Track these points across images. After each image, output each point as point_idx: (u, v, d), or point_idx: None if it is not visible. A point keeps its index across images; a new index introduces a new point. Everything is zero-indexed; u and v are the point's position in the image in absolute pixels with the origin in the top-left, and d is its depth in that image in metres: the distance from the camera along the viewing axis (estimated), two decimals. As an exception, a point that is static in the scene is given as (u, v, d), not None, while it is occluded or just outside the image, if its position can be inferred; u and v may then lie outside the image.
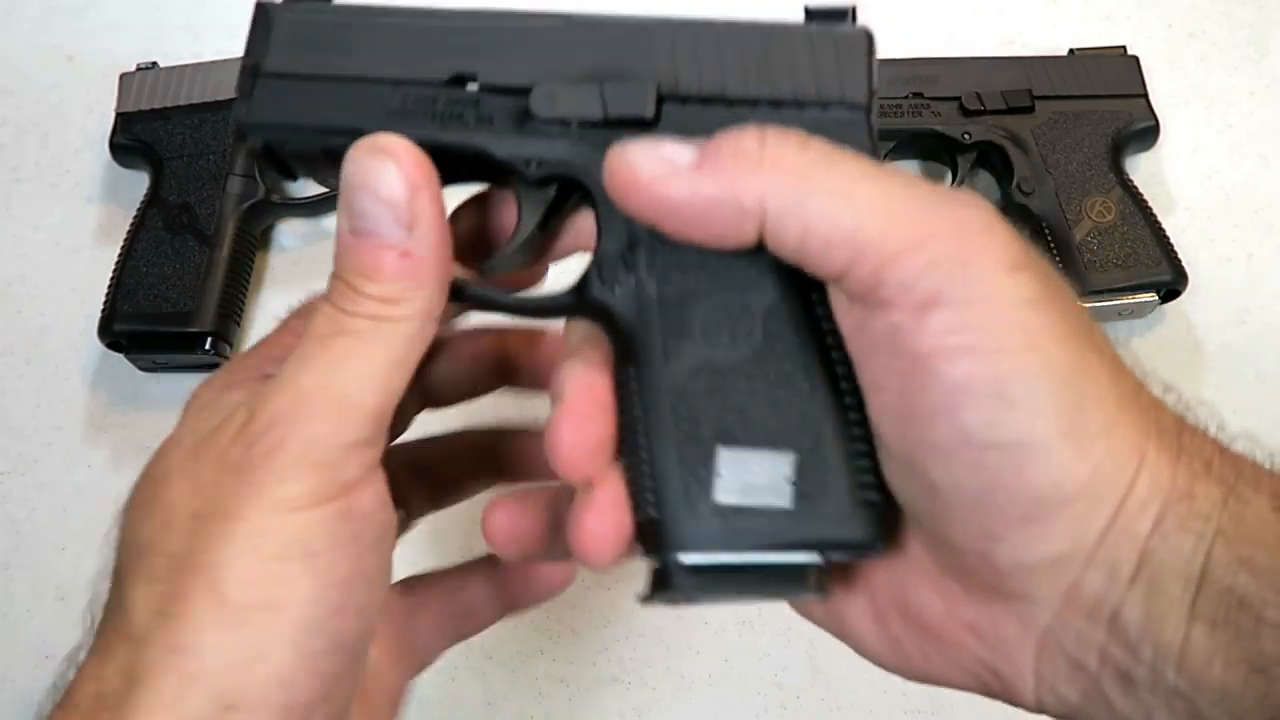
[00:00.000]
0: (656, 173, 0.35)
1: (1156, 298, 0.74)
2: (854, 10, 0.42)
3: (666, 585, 0.37)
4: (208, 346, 0.73)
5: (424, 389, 0.46)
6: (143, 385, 0.77)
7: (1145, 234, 0.74)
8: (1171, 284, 0.74)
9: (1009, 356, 0.31)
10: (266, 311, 0.79)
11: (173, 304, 0.73)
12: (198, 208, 0.76)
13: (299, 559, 0.33)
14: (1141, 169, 0.81)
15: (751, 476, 0.36)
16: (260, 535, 0.32)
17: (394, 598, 0.46)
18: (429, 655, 0.47)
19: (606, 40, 0.40)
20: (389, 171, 0.36)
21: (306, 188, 0.82)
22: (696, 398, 0.37)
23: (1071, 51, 0.81)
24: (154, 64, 0.81)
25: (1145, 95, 0.79)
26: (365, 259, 0.36)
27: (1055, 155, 0.76)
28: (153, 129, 0.79)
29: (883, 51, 0.42)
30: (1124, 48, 0.81)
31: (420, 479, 0.47)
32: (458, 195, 0.45)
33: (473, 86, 0.40)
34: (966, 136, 0.77)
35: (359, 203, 0.36)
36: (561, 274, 0.44)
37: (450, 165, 0.40)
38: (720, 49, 0.40)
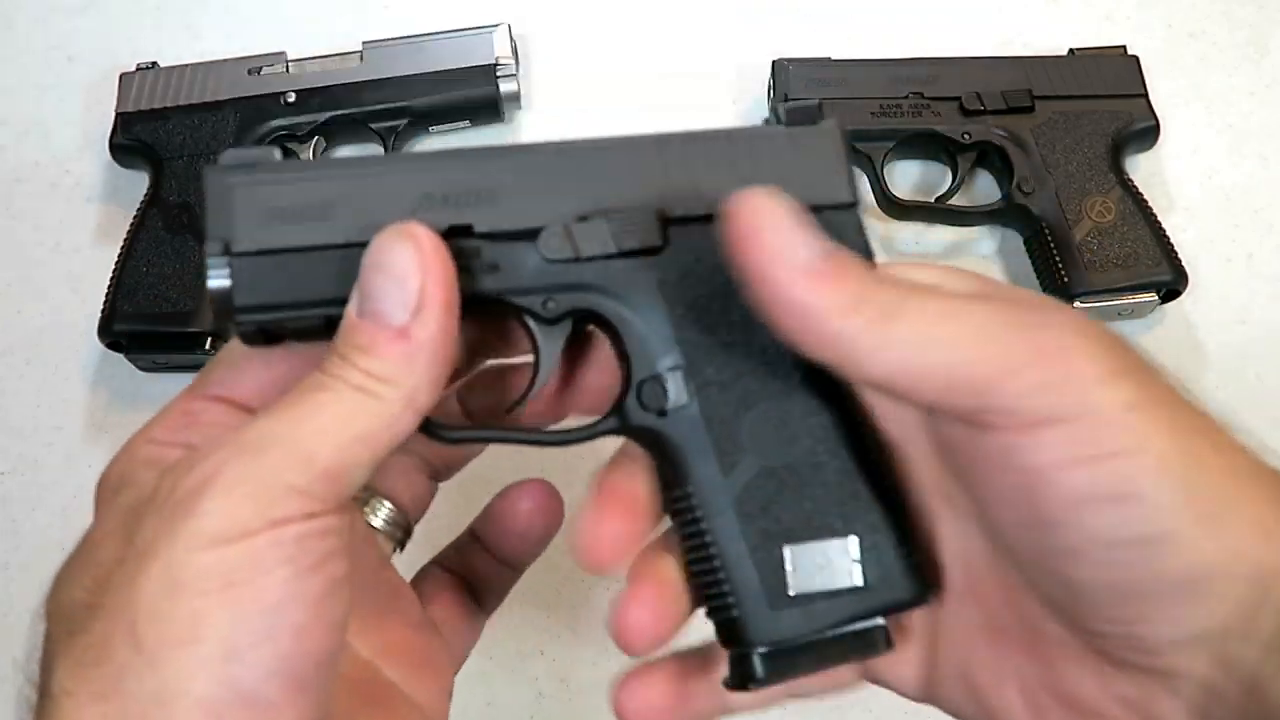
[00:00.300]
0: (780, 259, 0.35)
1: (1156, 298, 0.74)
2: (820, 106, 0.42)
3: (750, 675, 0.39)
4: (208, 346, 0.73)
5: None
6: (143, 385, 0.77)
7: (1145, 234, 0.74)
8: (1171, 284, 0.74)
9: (1123, 460, 0.33)
10: (266, 311, 0.79)
11: (173, 304, 0.73)
12: (198, 208, 0.76)
13: (217, 591, 0.32)
14: (1141, 169, 0.81)
15: (820, 564, 0.39)
16: (176, 570, 0.32)
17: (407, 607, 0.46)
18: (459, 646, 0.49)
19: (601, 169, 0.40)
20: (406, 252, 0.35)
21: (306, 188, 0.82)
22: (758, 504, 0.39)
23: (1071, 51, 0.81)
24: (154, 64, 0.81)
25: (1145, 95, 0.79)
26: (364, 335, 0.35)
27: (1055, 155, 0.76)
28: (153, 129, 0.79)
29: (883, 51, 0.43)
30: (1124, 48, 0.81)
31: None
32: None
33: (467, 233, 0.39)
34: (966, 136, 0.77)
35: (371, 282, 0.36)
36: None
37: (461, 310, 0.38)
38: (710, 164, 0.40)
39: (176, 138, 0.78)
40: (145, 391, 0.76)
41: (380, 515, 0.47)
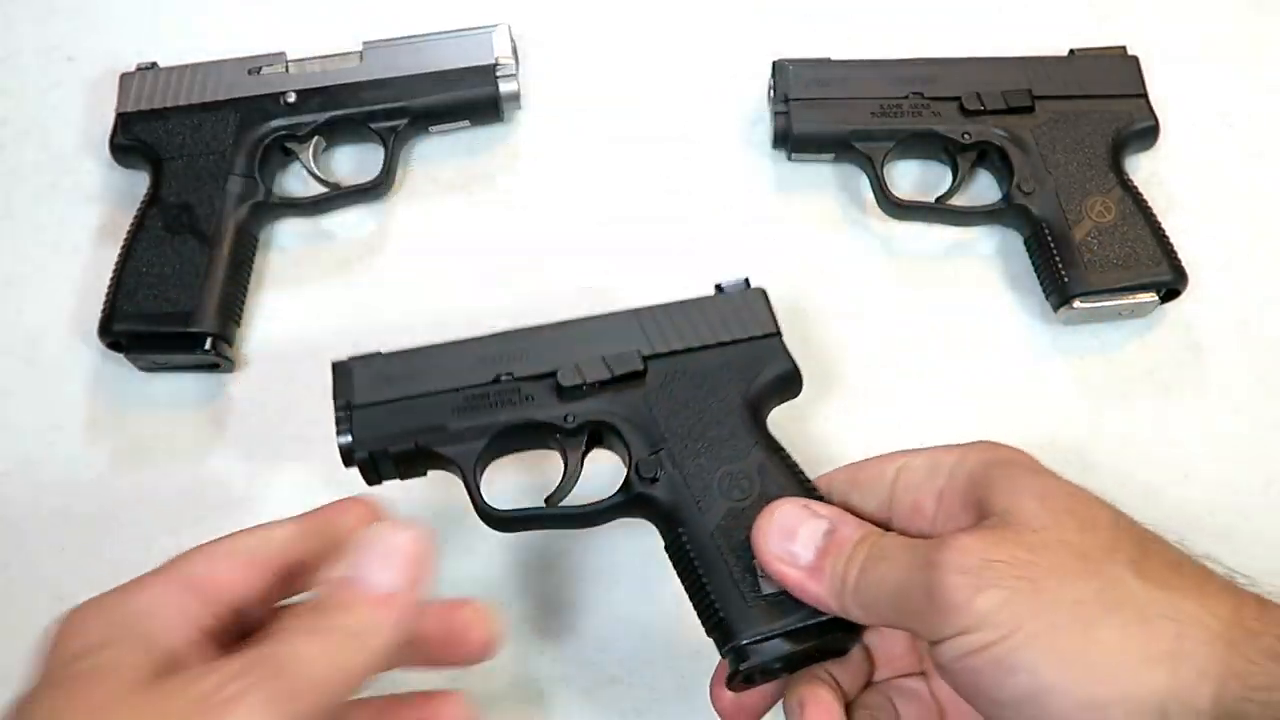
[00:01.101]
0: (782, 557, 0.53)
1: (1156, 298, 0.74)
2: (748, 280, 0.65)
3: (743, 657, 0.54)
4: (208, 346, 0.73)
5: None
6: (143, 385, 0.77)
7: (1145, 234, 0.74)
8: (1171, 284, 0.74)
9: (999, 646, 0.44)
10: (266, 311, 0.79)
11: (173, 304, 0.73)
12: (198, 208, 0.76)
13: None
14: (1142, 169, 0.81)
15: None
16: None
17: None
18: None
19: (598, 331, 0.62)
20: (402, 535, 0.46)
21: (307, 188, 0.82)
22: (730, 532, 0.56)
23: (1072, 52, 0.81)
24: (154, 64, 0.81)
25: (1145, 95, 0.79)
26: (353, 595, 0.44)
27: (1055, 155, 0.76)
28: (153, 129, 0.79)
29: (883, 52, 0.44)
30: (1124, 48, 0.81)
31: None
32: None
33: (509, 377, 0.61)
34: (966, 136, 0.77)
35: (368, 558, 0.45)
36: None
37: (506, 440, 0.61)
38: (674, 321, 0.62)
39: (176, 138, 0.78)
40: (145, 391, 0.76)
41: None
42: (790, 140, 0.79)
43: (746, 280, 0.65)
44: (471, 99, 0.80)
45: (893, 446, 0.56)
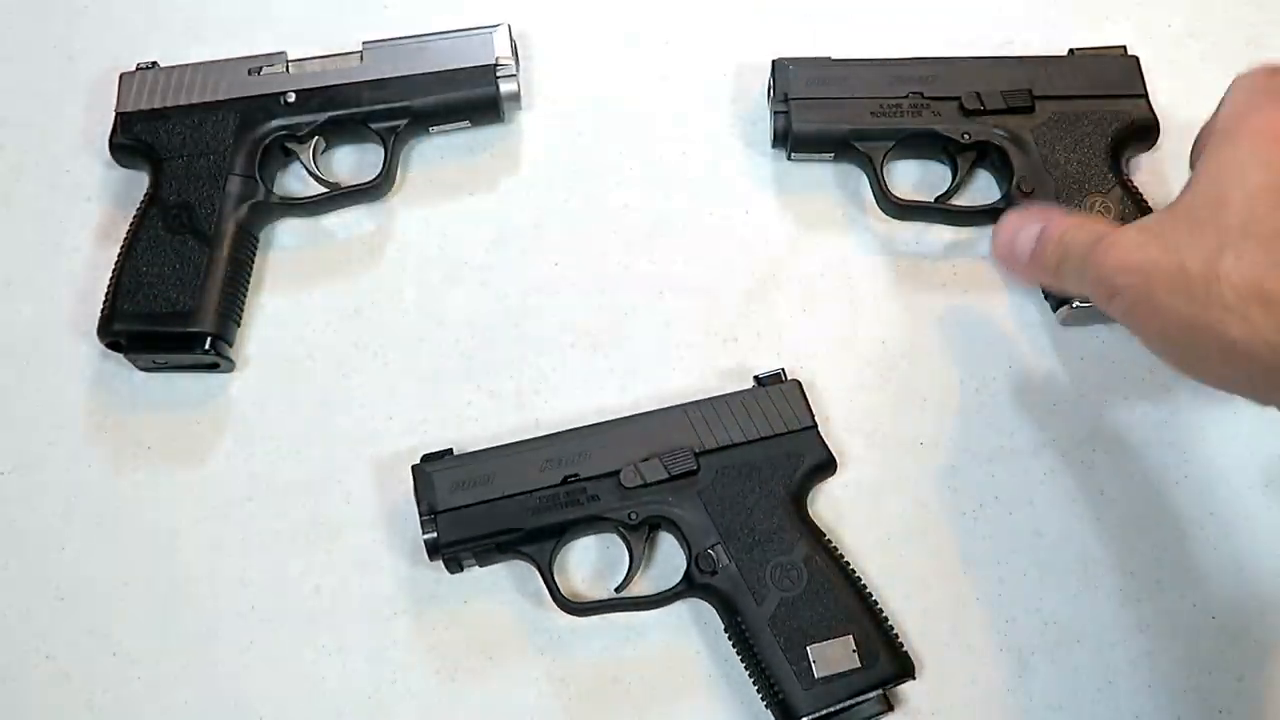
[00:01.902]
0: (1009, 248, 0.61)
1: None
2: (783, 371, 0.72)
3: None
4: (207, 346, 0.73)
5: None
6: (143, 385, 0.77)
7: None
8: None
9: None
10: (266, 311, 0.79)
11: (172, 304, 0.73)
12: (198, 208, 0.76)
13: None
14: (1142, 169, 0.81)
15: (830, 656, 0.64)
16: None
17: None
18: None
19: (653, 428, 0.69)
20: None
21: (307, 188, 0.82)
22: (783, 621, 0.64)
23: (1071, 51, 0.81)
24: (154, 64, 0.81)
25: (1145, 95, 0.79)
26: None
27: (1055, 155, 0.76)
28: (153, 129, 0.79)
29: (883, 51, 0.44)
30: (1124, 48, 0.81)
31: None
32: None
33: (575, 479, 0.68)
34: (966, 136, 0.77)
35: None
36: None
37: (575, 534, 0.69)
38: (721, 417, 0.70)
39: (176, 138, 0.78)
40: (145, 391, 0.76)
41: None
42: (790, 139, 0.79)
43: (782, 372, 0.72)
44: (471, 99, 0.80)
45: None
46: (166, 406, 0.76)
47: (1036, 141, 0.77)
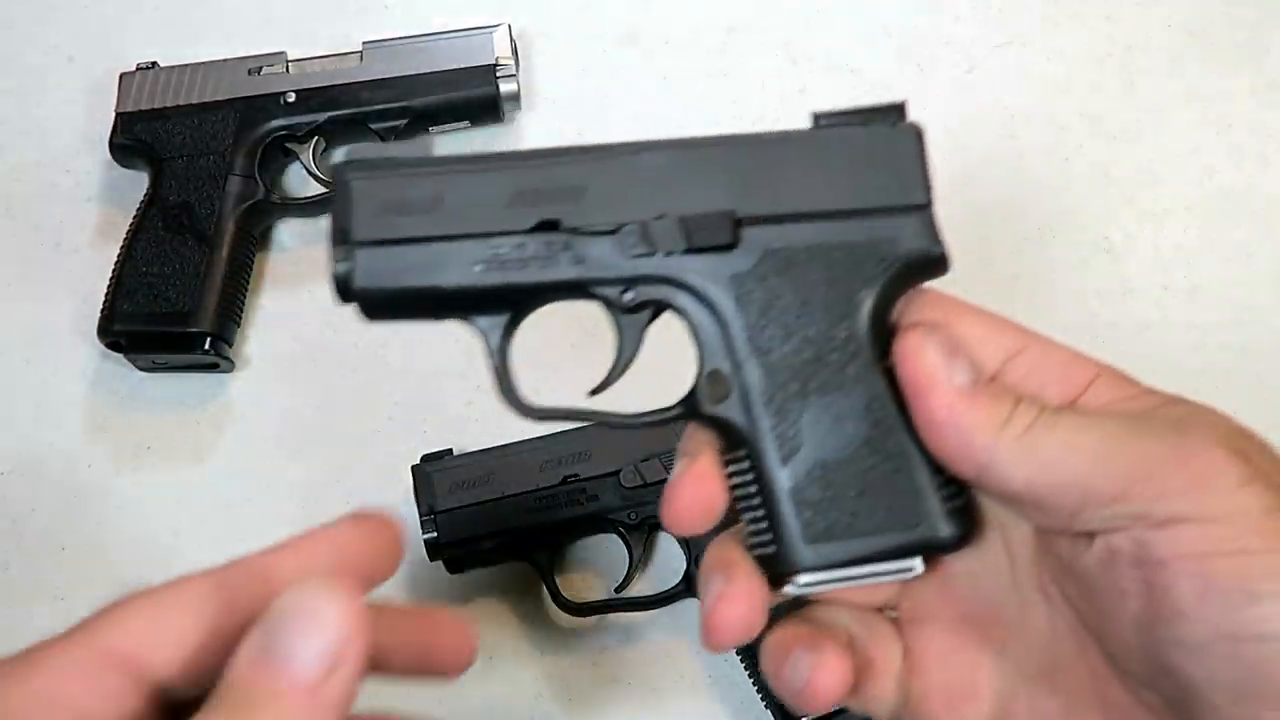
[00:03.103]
0: (938, 378, 0.39)
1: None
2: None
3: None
4: (207, 346, 0.73)
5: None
6: (143, 385, 0.77)
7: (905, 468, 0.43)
8: (933, 547, 0.44)
9: (1260, 558, 0.33)
10: (266, 311, 0.79)
11: (172, 304, 0.73)
12: (197, 208, 0.76)
13: None
14: (1143, 168, 0.80)
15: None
16: None
17: None
18: None
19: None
20: (330, 609, 0.34)
21: (306, 188, 0.82)
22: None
23: (817, 120, 0.43)
24: (154, 64, 0.81)
25: (926, 201, 0.42)
26: (269, 682, 0.33)
27: (768, 326, 0.42)
28: (153, 129, 0.79)
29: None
30: (901, 106, 0.43)
31: None
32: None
33: (575, 479, 0.56)
34: (629, 297, 0.45)
35: (288, 630, 0.34)
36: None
37: (575, 534, 0.64)
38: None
39: (176, 138, 0.78)
40: (145, 391, 0.76)
41: None
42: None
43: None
44: (471, 99, 0.80)
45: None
46: (166, 406, 0.76)
47: (740, 302, 0.43)
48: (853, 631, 0.43)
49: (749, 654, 0.65)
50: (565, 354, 0.69)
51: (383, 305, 0.44)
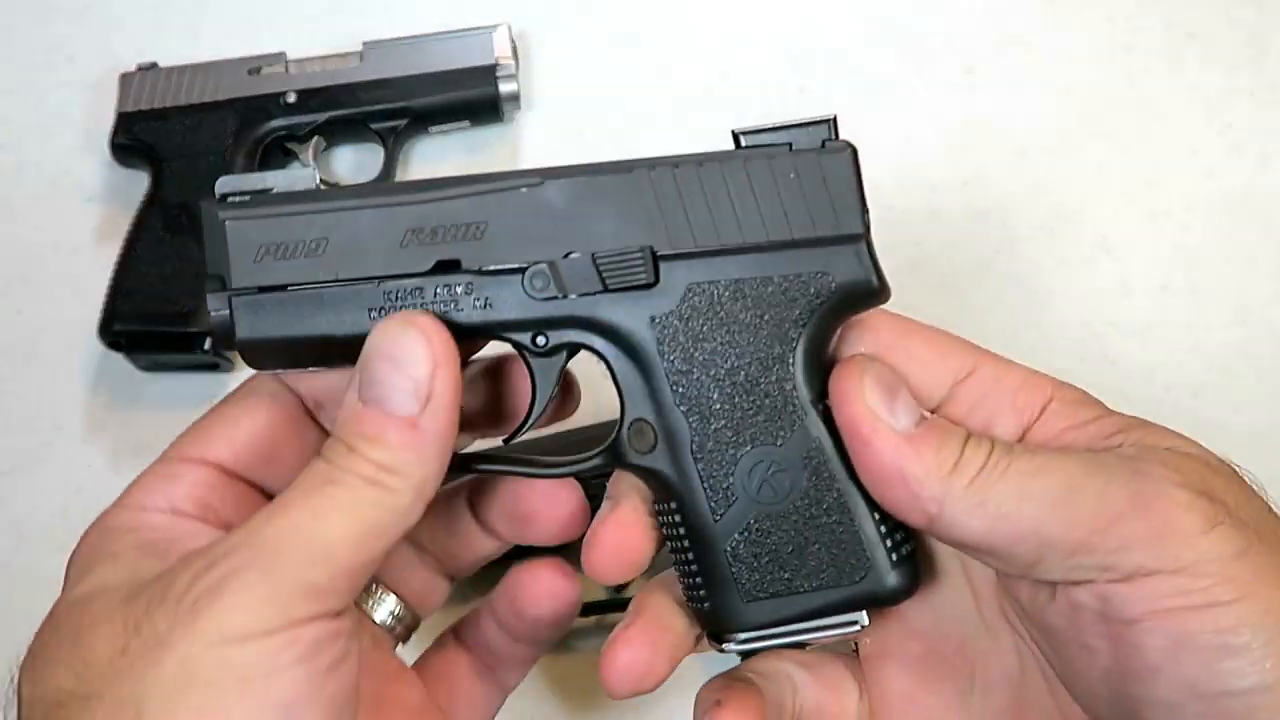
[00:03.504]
0: (879, 425, 0.36)
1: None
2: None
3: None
4: (207, 346, 0.73)
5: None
6: (143, 385, 0.77)
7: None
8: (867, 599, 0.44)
9: (1226, 609, 0.32)
10: (266, 311, 0.79)
11: (172, 304, 0.73)
12: (198, 208, 0.76)
13: (233, 687, 0.31)
14: (1142, 169, 0.80)
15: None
16: (192, 664, 0.31)
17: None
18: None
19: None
20: (415, 342, 0.35)
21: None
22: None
23: (738, 140, 0.44)
24: (154, 64, 0.81)
25: (862, 231, 0.41)
26: (372, 425, 0.35)
27: (695, 375, 0.41)
28: (153, 129, 0.79)
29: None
30: (830, 122, 0.42)
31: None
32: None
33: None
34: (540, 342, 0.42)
35: (377, 370, 0.35)
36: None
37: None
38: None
39: (176, 138, 0.78)
40: (145, 391, 0.76)
41: (384, 609, 0.46)
42: None
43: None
44: (471, 99, 0.80)
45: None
46: (166, 406, 0.76)
47: (662, 345, 0.41)
48: (796, 680, 0.42)
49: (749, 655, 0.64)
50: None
51: (269, 355, 0.40)
